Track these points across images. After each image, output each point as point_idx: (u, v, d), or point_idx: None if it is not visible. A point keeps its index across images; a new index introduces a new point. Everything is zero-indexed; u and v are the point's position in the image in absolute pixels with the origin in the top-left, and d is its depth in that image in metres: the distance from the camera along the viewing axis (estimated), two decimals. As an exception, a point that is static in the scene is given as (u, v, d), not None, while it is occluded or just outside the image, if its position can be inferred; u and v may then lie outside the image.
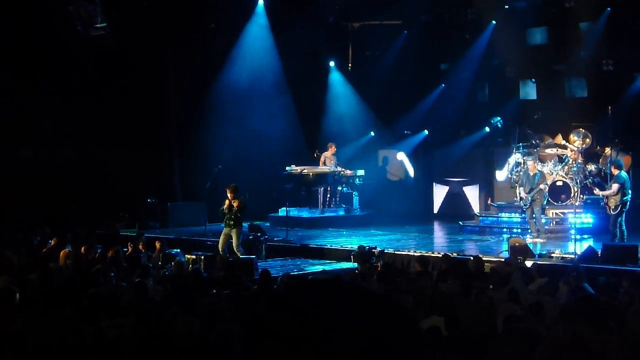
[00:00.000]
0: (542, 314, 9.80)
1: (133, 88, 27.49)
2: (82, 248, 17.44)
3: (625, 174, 21.38)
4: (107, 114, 27.46)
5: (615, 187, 20.44)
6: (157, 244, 19.24)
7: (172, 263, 16.13)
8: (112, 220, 26.52)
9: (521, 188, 23.15)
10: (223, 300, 11.29)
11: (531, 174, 22.88)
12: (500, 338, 3.81)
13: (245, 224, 21.51)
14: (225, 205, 20.55)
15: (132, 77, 27.53)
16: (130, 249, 18.87)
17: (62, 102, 26.86)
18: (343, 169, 28.21)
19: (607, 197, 20.74)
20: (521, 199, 23.09)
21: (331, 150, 28.28)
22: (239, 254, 19.87)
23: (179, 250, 19.78)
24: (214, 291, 12.51)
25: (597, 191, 21.98)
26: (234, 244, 20.28)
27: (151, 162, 28.43)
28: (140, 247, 19.09)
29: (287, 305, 1.55)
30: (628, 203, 20.78)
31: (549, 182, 23.97)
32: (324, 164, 28.13)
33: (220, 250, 20.16)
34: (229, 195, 20.54)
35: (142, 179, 28.12)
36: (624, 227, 20.58)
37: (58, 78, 26.97)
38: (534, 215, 22.74)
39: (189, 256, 19.20)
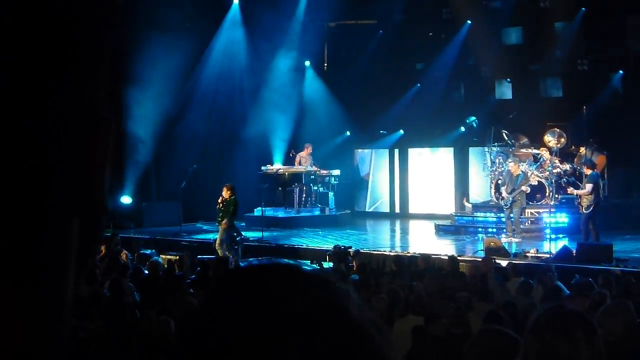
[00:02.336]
0: (515, 313, 9.82)
1: (108, 84, 27.31)
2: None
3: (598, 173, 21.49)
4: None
5: (589, 186, 20.46)
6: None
7: (147, 263, 16.03)
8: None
9: (503, 187, 23.19)
10: (199, 301, 11.22)
11: (514, 174, 22.91)
12: (473, 341, 3.77)
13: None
14: (219, 201, 20.66)
15: (108, 72, 27.35)
16: (103, 249, 18.71)
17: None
18: (318, 169, 28.18)
19: (580, 196, 20.77)
20: (502, 198, 23.13)
21: (307, 151, 28.24)
22: (218, 251, 19.87)
23: (153, 250, 19.68)
24: (191, 290, 12.45)
25: (571, 190, 22.02)
26: (217, 240, 20.34)
27: (126, 162, 28.28)
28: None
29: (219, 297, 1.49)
30: (600, 202, 20.87)
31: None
32: (300, 163, 28.09)
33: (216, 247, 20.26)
34: (223, 192, 20.66)
35: (116, 178, 27.97)
36: (595, 227, 20.64)
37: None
38: (511, 215, 22.78)
39: (163, 256, 19.09)
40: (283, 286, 1.44)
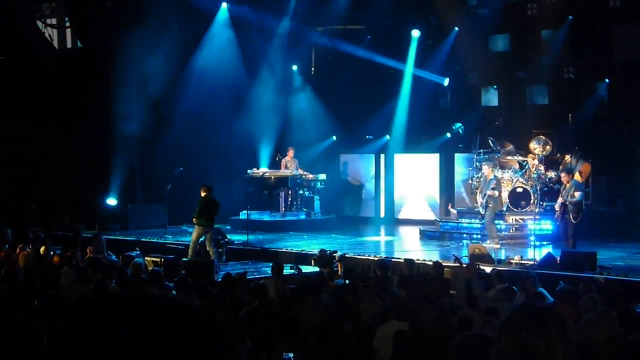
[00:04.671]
0: (498, 319, 9.86)
1: (93, 89, 27.35)
2: (42, 249, 17.29)
3: None
4: (67, 115, 27.29)
5: (578, 194, 20.44)
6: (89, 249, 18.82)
7: (131, 265, 16.01)
8: (72, 221, 26.33)
9: (481, 194, 23.29)
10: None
11: (487, 179, 23.01)
12: (454, 345, 3.79)
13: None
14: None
15: (93, 77, 27.39)
16: (89, 252, 18.68)
17: (21, 101, 26.68)
18: (305, 173, 28.21)
19: (571, 204, 20.73)
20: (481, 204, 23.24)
21: (290, 154, 28.26)
22: (189, 252, 20.03)
23: (138, 252, 19.67)
24: (174, 293, 12.43)
25: (562, 199, 21.59)
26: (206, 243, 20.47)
27: (111, 163, 28.26)
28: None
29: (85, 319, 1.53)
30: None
31: (509, 189, 24.10)
32: (286, 167, 28.11)
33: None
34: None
35: (102, 181, 27.97)
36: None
37: (17, 77, 26.77)
38: (483, 220, 22.96)
39: (148, 258, 19.08)
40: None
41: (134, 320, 1.45)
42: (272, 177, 27.75)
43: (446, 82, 29.82)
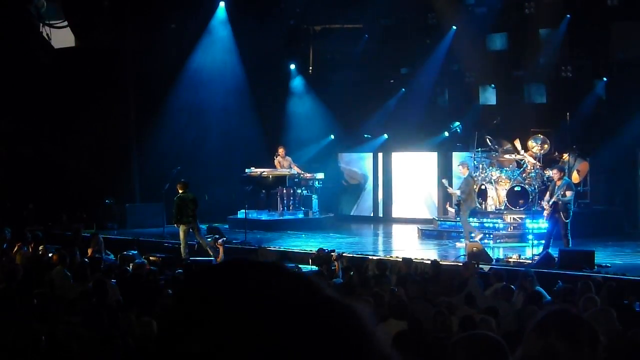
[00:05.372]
0: (496, 318, 9.86)
1: (92, 88, 27.34)
2: (40, 248, 17.30)
3: None
4: (65, 114, 27.28)
5: (569, 193, 20.38)
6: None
7: (130, 264, 16.02)
8: (70, 220, 26.32)
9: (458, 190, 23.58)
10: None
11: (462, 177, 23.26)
12: (455, 344, 3.79)
13: (203, 226, 21.58)
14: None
15: (91, 76, 27.38)
16: (90, 251, 18.69)
17: (19, 100, 26.66)
18: (302, 172, 28.18)
19: (562, 203, 20.67)
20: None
21: (281, 153, 28.16)
22: (182, 252, 20.10)
23: (136, 252, 19.66)
24: (169, 291, 12.42)
25: (555, 198, 21.56)
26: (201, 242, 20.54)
27: (110, 163, 28.25)
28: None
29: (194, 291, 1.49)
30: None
31: (506, 187, 24.13)
32: (281, 166, 28.07)
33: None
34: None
35: (100, 180, 27.95)
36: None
37: (16, 76, 26.75)
38: (459, 218, 23.25)
39: (146, 257, 19.07)
40: (260, 281, 1.44)
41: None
42: (270, 176, 27.72)
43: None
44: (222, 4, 29.89)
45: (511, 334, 7.59)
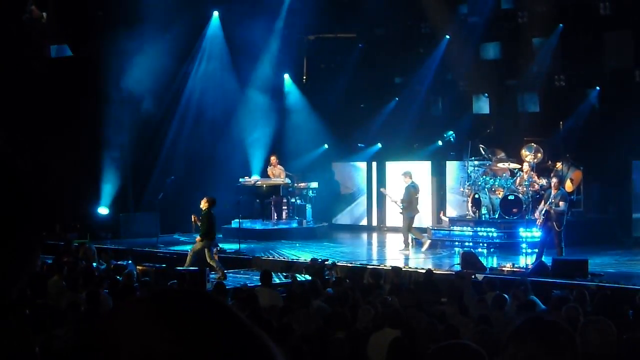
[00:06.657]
0: (489, 327, 9.86)
1: (85, 97, 27.33)
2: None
3: None
4: (58, 123, 27.25)
5: (562, 204, 20.36)
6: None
7: (123, 274, 15.99)
8: (63, 230, 26.27)
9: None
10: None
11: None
12: (433, 354, 3.80)
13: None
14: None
15: (84, 85, 27.38)
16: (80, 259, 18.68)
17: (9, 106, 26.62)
18: (291, 176, 28.15)
19: (555, 213, 20.66)
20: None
21: (273, 162, 28.16)
22: (212, 264, 19.83)
23: (130, 261, 19.63)
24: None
25: (547, 206, 21.50)
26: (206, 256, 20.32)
27: (103, 172, 28.23)
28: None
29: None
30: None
31: (500, 196, 24.18)
32: (274, 175, 28.06)
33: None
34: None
35: (93, 190, 27.93)
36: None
37: (9, 85, 26.72)
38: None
39: (140, 267, 19.04)
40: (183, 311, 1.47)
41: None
42: (264, 186, 27.73)
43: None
44: (216, 14, 29.93)
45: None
